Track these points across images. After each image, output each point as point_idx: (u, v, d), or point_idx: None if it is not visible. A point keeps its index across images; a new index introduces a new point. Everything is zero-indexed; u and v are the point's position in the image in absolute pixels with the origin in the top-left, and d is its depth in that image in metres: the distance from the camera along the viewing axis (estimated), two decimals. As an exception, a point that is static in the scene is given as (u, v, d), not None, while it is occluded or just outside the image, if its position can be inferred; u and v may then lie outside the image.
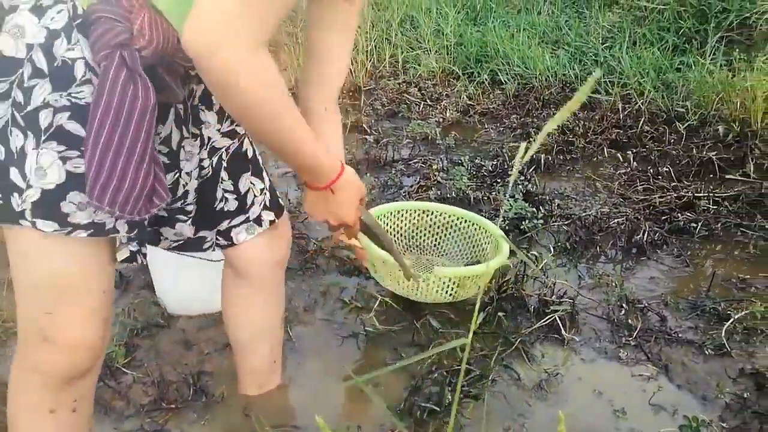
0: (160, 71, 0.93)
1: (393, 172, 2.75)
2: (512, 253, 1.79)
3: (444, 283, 1.62)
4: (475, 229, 1.92)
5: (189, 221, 1.18)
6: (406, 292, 1.69)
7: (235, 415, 1.40)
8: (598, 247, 2.08)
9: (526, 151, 0.74)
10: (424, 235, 2.02)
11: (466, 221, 1.95)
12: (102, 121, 0.87)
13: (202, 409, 1.43)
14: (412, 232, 2.02)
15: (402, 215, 1.99)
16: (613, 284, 1.85)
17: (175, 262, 1.66)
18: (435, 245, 2.02)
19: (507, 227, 2.23)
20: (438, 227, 2.00)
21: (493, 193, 2.50)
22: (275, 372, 1.45)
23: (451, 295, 1.66)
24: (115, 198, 0.89)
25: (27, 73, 0.88)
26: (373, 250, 1.56)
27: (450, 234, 1.99)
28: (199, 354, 1.61)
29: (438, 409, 1.38)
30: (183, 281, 1.71)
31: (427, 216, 2.00)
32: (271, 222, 1.27)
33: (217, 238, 1.25)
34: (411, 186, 2.64)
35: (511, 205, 2.32)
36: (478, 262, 1.86)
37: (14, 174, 0.90)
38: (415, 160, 2.88)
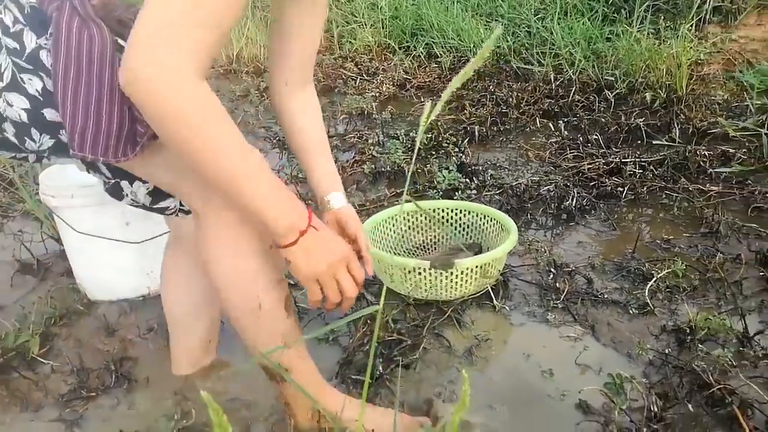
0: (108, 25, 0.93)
1: (328, 147, 2.71)
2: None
3: (469, 272, 1.58)
4: (474, 216, 1.87)
5: (146, 184, 1.12)
6: (427, 294, 1.62)
7: (161, 400, 1.35)
8: (529, 215, 2.10)
9: (431, 111, 0.74)
10: (421, 234, 1.93)
11: (462, 212, 1.89)
12: (66, 73, 0.87)
13: (125, 395, 1.38)
14: (407, 234, 1.92)
15: (394, 221, 1.89)
16: (543, 250, 1.87)
17: (94, 246, 1.59)
18: (435, 242, 1.93)
19: (441, 198, 2.22)
20: (432, 223, 1.91)
21: (428, 165, 2.49)
22: (210, 352, 1.42)
23: (474, 285, 1.62)
24: (95, 144, 0.89)
25: (8, 19, 0.89)
26: (384, 257, 1.55)
27: (448, 227, 1.91)
28: (122, 340, 1.55)
29: (369, 381, 1.36)
30: (103, 265, 1.64)
31: (420, 216, 1.91)
32: None
33: (180, 204, 1.18)
34: (347, 161, 2.61)
35: (444, 177, 2.31)
36: (480, 247, 1.83)
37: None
38: (350, 135, 2.85)
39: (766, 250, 1.74)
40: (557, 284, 1.69)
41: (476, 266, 1.56)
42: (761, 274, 1.69)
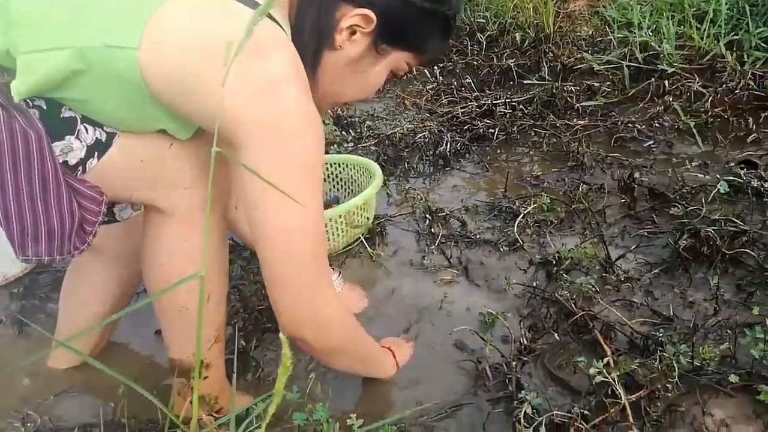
0: None
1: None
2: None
3: (334, 224, 1.55)
4: (344, 168, 1.84)
5: None
6: None
7: (9, 399, 1.25)
8: (406, 163, 2.08)
9: (249, 30, 0.71)
10: None
11: (332, 165, 1.85)
12: (1, 174, 0.77)
13: (-29, 396, 1.26)
14: None
15: None
16: (419, 197, 1.87)
17: None
18: None
19: (317, 154, 2.16)
20: None
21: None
22: (94, 352, 1.33)
23: (343, 236, 1.60)
24: (50, 244, 0.82)
25: None
26: None
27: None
28: (-35, 335, 1.42)
29: (235, 353, 1.31)
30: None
31: None
32: None
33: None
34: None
35: (319, 131, 2.25)
36: (338, 199, 1.80)
37: None
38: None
39: (626, 177, 1.81)
40: (432, 230, 1.69)
41: (339, 216, 1.53)
42: (622, 201, 1.76)
